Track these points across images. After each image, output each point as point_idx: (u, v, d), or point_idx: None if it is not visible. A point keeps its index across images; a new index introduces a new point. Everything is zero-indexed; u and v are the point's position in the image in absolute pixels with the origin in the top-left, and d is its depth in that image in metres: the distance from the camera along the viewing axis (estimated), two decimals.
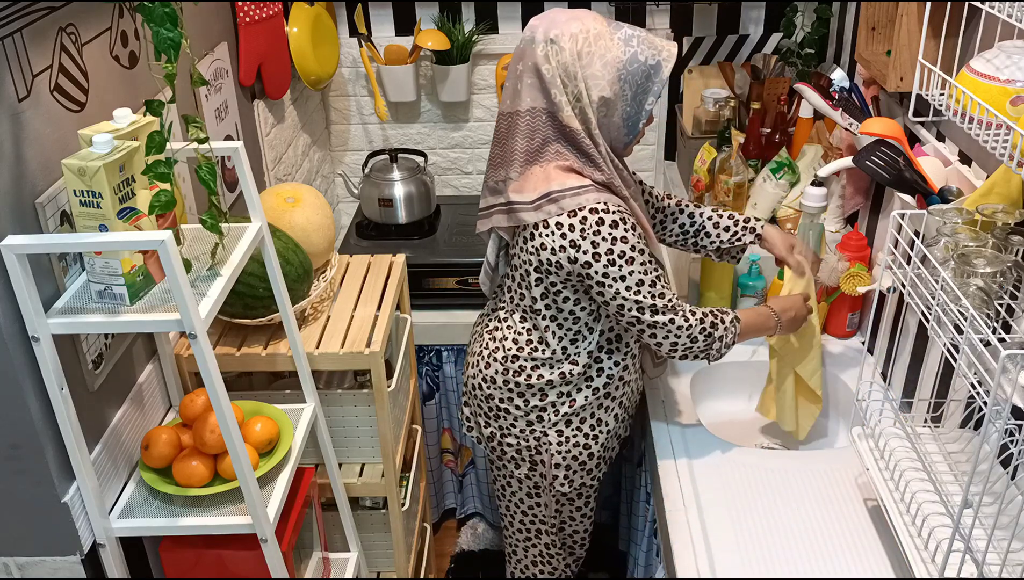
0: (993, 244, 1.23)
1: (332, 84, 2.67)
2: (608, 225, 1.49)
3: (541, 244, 1.54)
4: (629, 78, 1.50)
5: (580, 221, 1.49)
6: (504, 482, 1.87)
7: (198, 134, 1.25)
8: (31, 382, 1.19)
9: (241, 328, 1.70)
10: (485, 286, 1.80)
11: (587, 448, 1.75)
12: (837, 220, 2.13)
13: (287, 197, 1.78)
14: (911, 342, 1.73)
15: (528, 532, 1.93)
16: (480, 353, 1.77)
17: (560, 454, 1.74)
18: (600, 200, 1.50)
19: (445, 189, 2.83)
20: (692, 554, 1.51)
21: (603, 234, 1.50)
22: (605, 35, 1.49)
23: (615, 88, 1.50)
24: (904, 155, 1.52)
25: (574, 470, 1.76)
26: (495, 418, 1.77)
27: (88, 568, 1.33)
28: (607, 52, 1.49)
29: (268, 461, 1.44)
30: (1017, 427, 1.20)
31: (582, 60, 1.48)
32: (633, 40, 1.50)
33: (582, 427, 1.73)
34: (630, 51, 1.49)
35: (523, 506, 1.88)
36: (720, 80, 2.46)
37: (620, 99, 1.51)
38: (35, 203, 1.19)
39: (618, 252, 1.51)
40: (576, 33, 1.48)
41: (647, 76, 1.51)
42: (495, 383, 1.73)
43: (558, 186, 1.51)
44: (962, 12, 1.43)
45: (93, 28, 1.34)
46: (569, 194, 1.50)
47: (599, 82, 1.49)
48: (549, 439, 1.73)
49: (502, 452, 1.79)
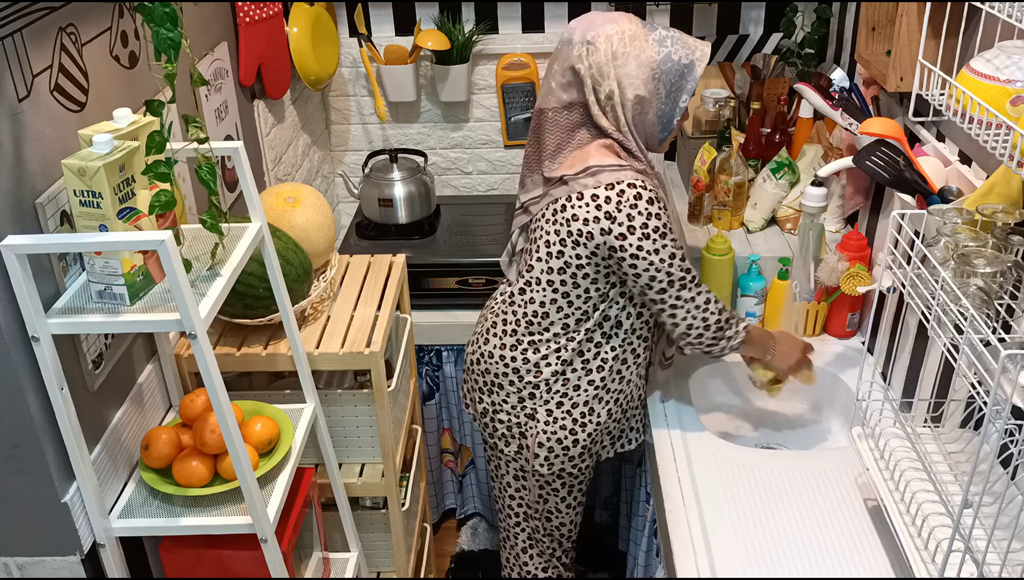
0: (993, 244, 1.23)
1: (332, 84, 2.67)
2: (645, 200, 1.55)
3: (573, 215, 1.58)
4: (663, 77, 1.57)
5: (617, 194, 1.55)
6: (496, 462, 1.91)
7: (198, 134, 1.25)
8: (31, 382, 1.19)
9: (241, 328, 1.70)
10: (506, 267, 1.85)
11: (573, 434, 1.77)
12: (837, 220, 2.13)
13: (287, 197, 1.78)
14: (911, 342, 1.73)
15: (517, 516, 1.96)
16: (481, 330, 1.82)
17: (545, 433, 1.77)
18: (638, 178, 1.56)
19: (445, 189, 2.83)
20: (692, 554, 1.51)
21: (640, 208, 1.54)
22: (640, 36, 1.57)
23: (649, 87, 1.57)
24: (904, 155, 1.52)
25: (556, 453, 1.79)
26: (489, 393, 1.81)
27: (88, 568, 1.33)
28: (642, 52, 1.55)
29: (268, 461, 1.44)
30: (1017, 427, 1.20)
31: (617, 60, 1.55)
32: (667, 40, 1.57)
33: (572, 412, 1.76)
34: (664, 51, 1.56)
35: (510, 489, 1.92)
36: (720, 80, 2.46)
37: (655, 97, 1.58)
38: (35, 203, 1.19)
39: (652, 226, 1.56)
40: (612, 34, 1.55)
41: (681, 75, 1.58)
42: (492, 357, 1.77)
43: (597, 162, 1.57)
44: (962, 12, 1.43)
45: (93, 28, 1.34)
46: (608, 169, 1.56)
47: (634, 81, 1.55)
48: (537, 417, 1.77)
49: (493, 429, 1.84)
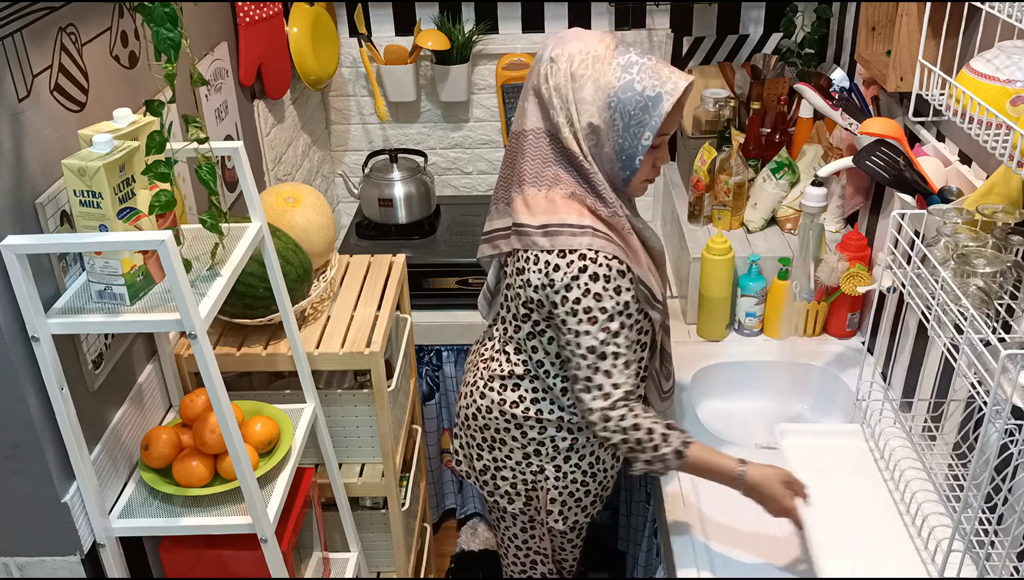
0: (993, 244, 1.23)
1: (332, 84, 2.67)
2: (588, 275, 1.41)
3: (527, 280, 1.48)
4: (620, 107, 1.39)
5: (567, 264, 1.42)
6: (499, 514, 1.81)
7: (198, 134, 1.25)
8: (31, 382, 1.19)
9: (241, 328, 1.70)
10: (484, 311, 1.73)
11: (584, 485, 1.69)
12: (837, 220, 2.13)
13: (287, 197, 1.78)
14: (911, 342, 1.73)
15: (523, 565, 1.87)
16: (475, 382, 1.69)
17: (556, 489, 1.68)
18: (593, 246, 1.42)
19: (445, 189, 2.83)
20: (692, 554, 1.51)
21: (580, 281, 1.42)
22: (604, 59, 1.40)
23: (604, 115, 1.40)
24: (904, 155, 1.52)
25: (569, 506, 1.70)
26: (489, 449, 1.69)
27: (88, 568, 1.33)
28: (601, 76, 1.39)
29: (268, 461, 1.44)
30: (1017, 427, 1.20)
31: (575, 82, 1.40)
32: (633, 68, 1.39)
33: (580, 464, 1.67)
34: (626, 78, 1.38)
35: (517, 540, 1.82)
36: (720, 80, 2.46)
37: (610, 128, 1.41)
38: (35, 203, 1.19)
39: (583, 306, 1.43)
40: (574, 53, 1.40)
41: (643, 107, 1.38)
42: (491, 413, 1.65)
43: (558, 220, 1.44)
44: (962, 12, 1.43)
45: (93, 28, 1.34)
46: (566, 232, 1.43)
47: (588, 107, 1.40)
48: (546, 474, 1.67)
49: (495, 487, 1.72)
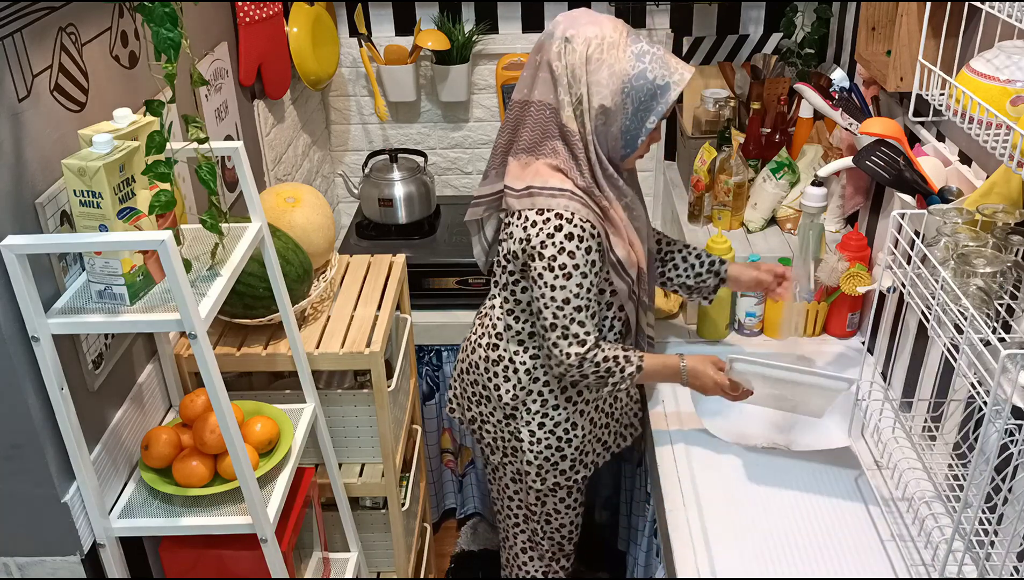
0: (993, 244, 1.23)
1: (332, 84, 2.67)
2: (563, 234, 1.52)
3: (510, 233, 1.60)
4: (633, 93, 1.51)
5: (544, 221, 1.53)
6: (492, 467, 1.93)
7: (198, 134, 1.25)
8: (31, 382, 1.19)
9: (241, 328, 1.70)
10: (480, 260, 1.85)
11: (560, 451, 1.78)
12: (837, 220, 2.13)
13: (287, 197, 1.78)
14: (911, 342, 1.73)
15: (516, 518, 1.96)
16: (470, 338, 1.83)
17: (532, 452, 1.77)
18: (569, 208, 1.52)
19: (445, 189, 2.83)
20: (692, 554, 1.51)
21: (556, 239, 1.52)
22: (619, 45, 1.50)
23: (616, 100, 1.51)
24: (904, 155, 1.52)
25: (546, 469, 1.80)
26: (477, 403, 1.83)
27: (88, 568, 1.33)
28: (616, 63, 1.50)
29: (268, 461, 1.44)
30: (1017, 427, 1.20)
31: (590, 65, 1.49)
32: (646, 57, 1.50)
33: (555, 431, 1.76)
34: (640, 67, 1.50)
35: (508, 491, 1.92)
36: (720, 80, 2.46)
37: (620, 111, 1.52)
38: (35, 203, 1.19)
39: (559, 263, 1.53)
40: (591, 37, 1.49)
41: (652, 95, 1.51)
42: (478, 369, 1.78)
43: (539, 182, 1.55)
44: (962, 12, 1.43)
45: (93, 28, 1.34)
46: (546, 193, 1.54)
47: (602, 90, 1.50)
48: (522, 437, 1.77)
49: (481, 437, 1.86)
